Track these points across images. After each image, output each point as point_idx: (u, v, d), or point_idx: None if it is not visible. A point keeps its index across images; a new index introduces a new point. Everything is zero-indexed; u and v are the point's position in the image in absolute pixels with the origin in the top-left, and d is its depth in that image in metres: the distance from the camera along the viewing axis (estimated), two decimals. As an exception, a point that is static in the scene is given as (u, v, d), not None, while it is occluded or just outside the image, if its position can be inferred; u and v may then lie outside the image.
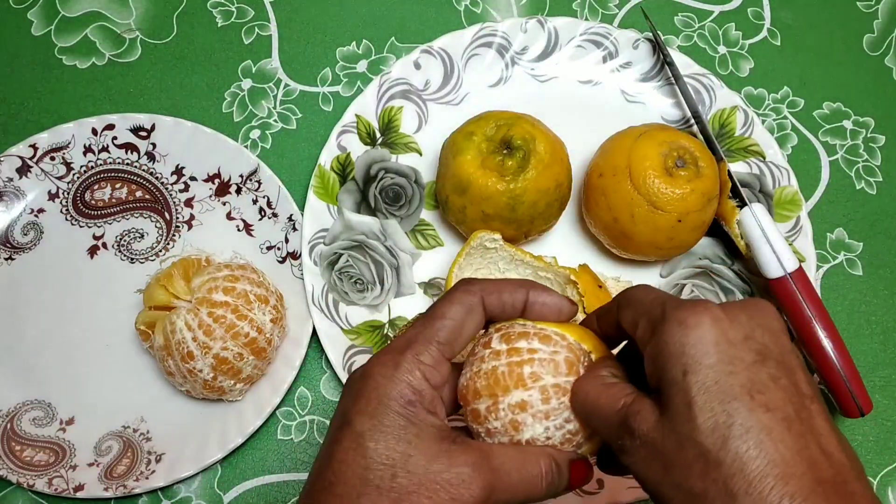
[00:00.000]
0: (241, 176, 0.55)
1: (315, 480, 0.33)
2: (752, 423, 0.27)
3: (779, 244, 0.50)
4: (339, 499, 0.32)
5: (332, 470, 0.32)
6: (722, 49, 0.63)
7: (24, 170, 0.55)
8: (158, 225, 0.56)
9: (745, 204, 0.52)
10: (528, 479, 0.33)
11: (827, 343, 0.49)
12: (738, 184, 0.53)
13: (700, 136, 0.57)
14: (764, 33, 0.64)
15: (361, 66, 0.61)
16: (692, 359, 0.29)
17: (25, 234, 0.55)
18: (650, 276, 0.56)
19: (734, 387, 0.28)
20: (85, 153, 0.56)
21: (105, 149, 0.56)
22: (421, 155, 0.57)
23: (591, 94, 0.59)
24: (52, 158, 0.55)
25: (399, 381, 0.33)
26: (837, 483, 0.27)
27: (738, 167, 0.57)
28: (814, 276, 0.54)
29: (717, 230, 0.55)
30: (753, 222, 0.51)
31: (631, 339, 0.35)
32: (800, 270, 0.50)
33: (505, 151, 0.49)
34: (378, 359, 0.34)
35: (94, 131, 0.55)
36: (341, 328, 0.52)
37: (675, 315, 0.30)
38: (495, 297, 0.35)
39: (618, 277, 0.55)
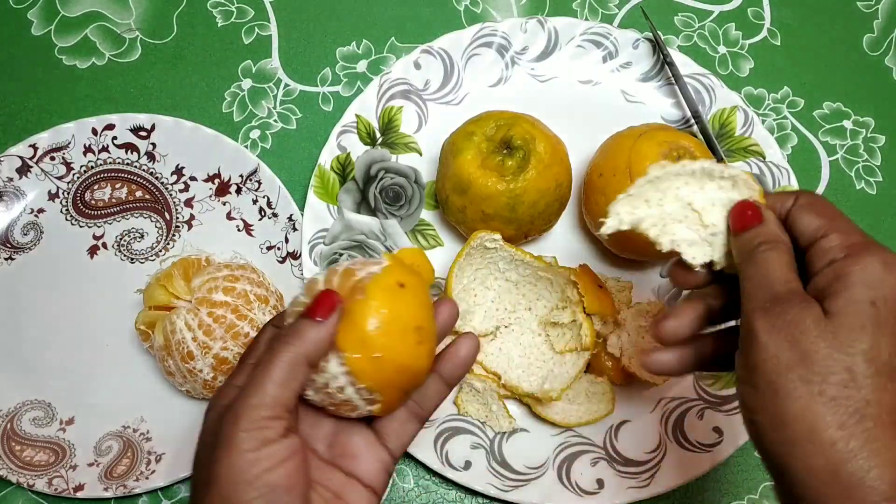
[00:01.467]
0: (241, 176, 0.55)
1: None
2: None
3: None
4: None
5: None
6: (722, 49, 0.63)
7: (24, 170, 0.55)
8: (158, 225, 0.56)
9: None
10: None
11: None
12: None
13: (700, 136, 0.57)
14: (764, 33, 0.64)
15: (361, 66, 0.61)
16: (884, 295, 0.31)
17: (25, 234, 0.55)
18: (650, 276, 0.56)
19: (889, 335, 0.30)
20: (85, 153, 0.56)
21: (105, 149, 0.56)
22: (421, 155, 0.57)
23: (591, 94, 0.59)
24: (52, 158, 0.55)
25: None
26: None
27: (738, 167, 0.57)
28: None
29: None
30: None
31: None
32: None
33: (505, 151, 0.49)
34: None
35: (94, 131, 0.55)
36: (341, 328, 0.52)
37: (881, 254, 0.32)
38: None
39: (618, 278, 0.55)
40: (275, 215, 0.55)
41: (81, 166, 0.56)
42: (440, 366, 0.38)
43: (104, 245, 0.55)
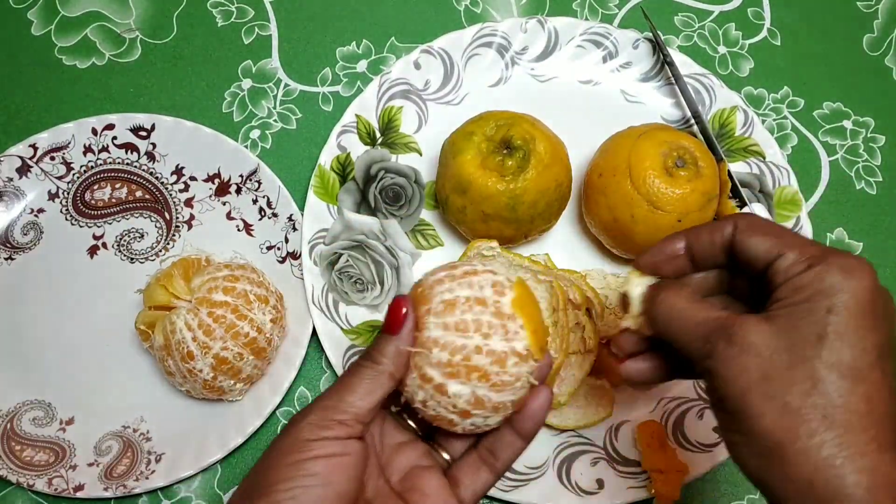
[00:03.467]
0: (241, 176, 0.55)
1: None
2: (873, 377, 0.30)
3: None
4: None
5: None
6: (722, 49, 0.63)
7: (24, 170, 0.55)
8: (158, 225, 0.56)
9: (745, 204, 0.52)
10: None
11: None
12: (738, 184, 0.53)
13: (700, 136, 0.57)
14: (764, 33, 0.64)
15: (361, 66, 0.61)
16: (841, 303, 0.31)
17: (25, 234, 0.55)
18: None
19: (867, 341, 0.30)
20: (85, 153, 0.56)
21: (105, 149, 0.56)
22: (421, 155, 0.57)
23: (591, 94, 0.59)
24: (52, 158, 0.55)
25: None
26: None
27: (738, 167, 0.57)
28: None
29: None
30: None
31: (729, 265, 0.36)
32: None
33: (505, 151, 0.49)
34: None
35: (94, 131, 0.55)
36: (341, 328, 0.52)
37: (839, 259, 0.32)
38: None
39: (617, 274, 0.55)
40: (275, 215, 0.55)
41: (81, 166, 0.56)
42: (514, 418, 0.37)
43: (104, 245, 0.55)
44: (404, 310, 0.34)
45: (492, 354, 0.33)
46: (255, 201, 0.55)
